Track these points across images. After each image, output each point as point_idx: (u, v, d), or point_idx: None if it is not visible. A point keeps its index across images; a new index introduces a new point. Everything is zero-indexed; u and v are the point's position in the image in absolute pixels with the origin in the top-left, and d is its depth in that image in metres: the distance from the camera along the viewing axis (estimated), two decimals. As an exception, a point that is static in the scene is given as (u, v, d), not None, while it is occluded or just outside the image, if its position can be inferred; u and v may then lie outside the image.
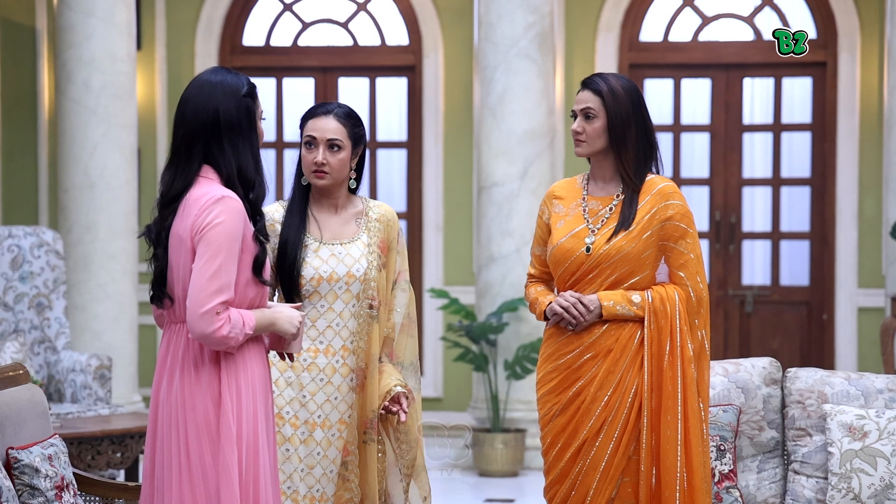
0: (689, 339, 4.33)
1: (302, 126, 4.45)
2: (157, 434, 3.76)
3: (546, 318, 4.43)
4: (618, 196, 4.40)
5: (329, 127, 4.38)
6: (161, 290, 3.76)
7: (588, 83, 4.40)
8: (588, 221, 4.39)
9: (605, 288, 4.36)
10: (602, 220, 4.39)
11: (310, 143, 4.40)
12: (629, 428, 4.31)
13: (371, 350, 4.37)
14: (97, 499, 4.63)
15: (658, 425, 4.29)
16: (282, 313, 3.81)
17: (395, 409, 4.36)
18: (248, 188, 3.78)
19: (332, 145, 4.39)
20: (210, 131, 3.75)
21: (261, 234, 3.79)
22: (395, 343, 4.47)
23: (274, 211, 4.42)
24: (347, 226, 4.44)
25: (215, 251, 3.63)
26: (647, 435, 4.29)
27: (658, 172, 4.44)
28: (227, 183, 3.75)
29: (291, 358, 4.05)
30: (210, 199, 3.68)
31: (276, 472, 3.85)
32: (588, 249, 4.35)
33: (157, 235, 3.77)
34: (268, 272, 3.82)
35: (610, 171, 4.42)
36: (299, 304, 3.98)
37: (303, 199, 4.45)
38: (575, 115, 4.41)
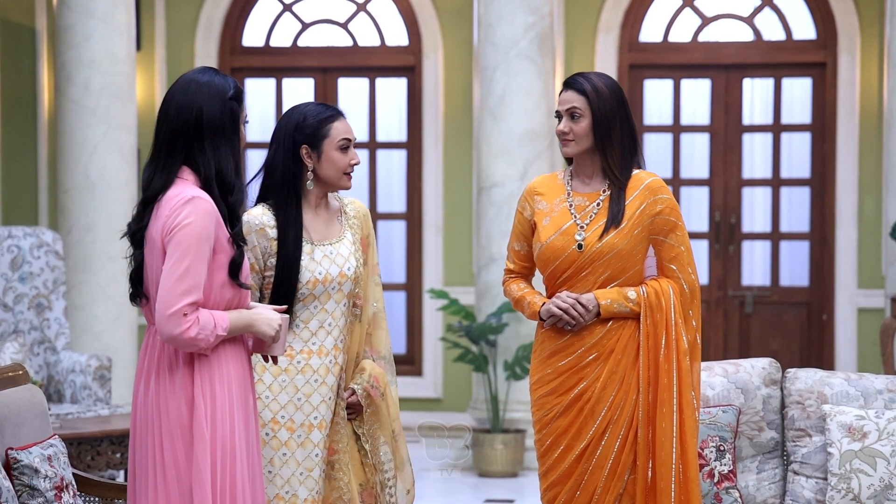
0: (685, 332, 4.34)
1: (319, 129, 4.32)
2: (136, 436, 3.75)
3: (540, 318, 4.43)
4: (604, 192, 4.39)
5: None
6: (138, 288, 3.76)
7: (571, 83, 4.39)
8: (576, 217, 4.37)
9: (598, 285, 4.35)
10: (590, 216, 4.37)
11: (347, 146, 4.35)
12: (634, 425, 4.31)
13: (352, 347, 4.38)
14: (96, 499, 4.63)
15: (654, 418, 4.29)
16: (260, 314, 3.77)
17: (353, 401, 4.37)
18: (227, 191, 3.74)
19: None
20: (192, 131, 3.73)
21: (238, 238, 3.75)
22: (374, 337, 4.47)
23: (261, 215, 4.30)
24: (332, 225, 4.40)
25: (184, 252, 3.60)
26: (644, 428, 4.29)
27: (641, 167, 4.44)
28: (205, 185, 3.71)
29: (275, 361, 3.97)
30: (180, 199, 3.65)
31: (258, 475, 3.81)
32: (580, 247, 4.34)
33: (133, 235, 3.76)
34: (246, 275, 3.77)
35: (595, 168, 4.41)
36: (283, 307, 3.93)
37: (298, 203, 4.35)
38: (559, 116, 4.41)
